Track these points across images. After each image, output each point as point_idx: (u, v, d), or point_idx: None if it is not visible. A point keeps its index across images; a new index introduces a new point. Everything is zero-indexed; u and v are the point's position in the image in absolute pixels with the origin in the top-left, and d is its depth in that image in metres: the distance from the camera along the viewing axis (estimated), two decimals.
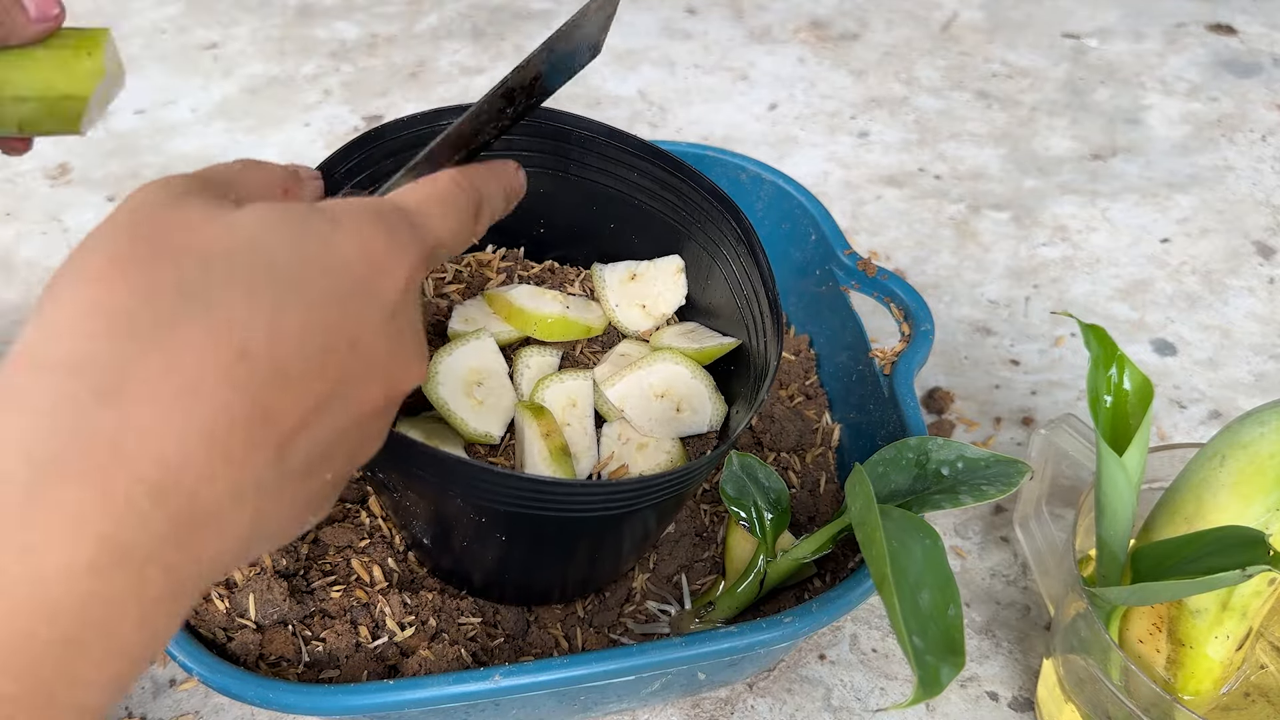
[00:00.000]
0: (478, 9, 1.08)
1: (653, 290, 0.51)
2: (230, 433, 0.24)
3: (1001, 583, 0.58)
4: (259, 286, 0.25)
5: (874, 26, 1.06)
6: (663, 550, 0.52)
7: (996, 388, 0.69)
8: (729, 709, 0.52)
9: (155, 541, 0.23)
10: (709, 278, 0.50)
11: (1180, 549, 0.41)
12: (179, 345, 0.24)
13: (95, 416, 0.23)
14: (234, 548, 0.25)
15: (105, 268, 0.25)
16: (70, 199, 0.85)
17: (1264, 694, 0.46)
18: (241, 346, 0.24)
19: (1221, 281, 0.77)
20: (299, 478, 0.26)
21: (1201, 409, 0.68)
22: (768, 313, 0.45)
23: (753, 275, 0.47)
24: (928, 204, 0.84)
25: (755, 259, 0.46)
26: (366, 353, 0.27)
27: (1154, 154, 0.89)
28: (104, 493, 0.22)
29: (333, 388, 0.26)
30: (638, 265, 0.52)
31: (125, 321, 0.24)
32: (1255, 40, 1.03)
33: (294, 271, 0.26)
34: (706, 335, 0.51)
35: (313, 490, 0.28)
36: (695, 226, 0.50)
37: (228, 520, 0.24)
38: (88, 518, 0.22)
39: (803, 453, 0.56)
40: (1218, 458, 0.42)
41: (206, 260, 0.25)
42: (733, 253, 0.48)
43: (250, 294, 0.25)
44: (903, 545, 0.37)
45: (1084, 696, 0.45)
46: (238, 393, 0.24)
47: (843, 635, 0.56)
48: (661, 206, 0.50)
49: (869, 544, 0.37)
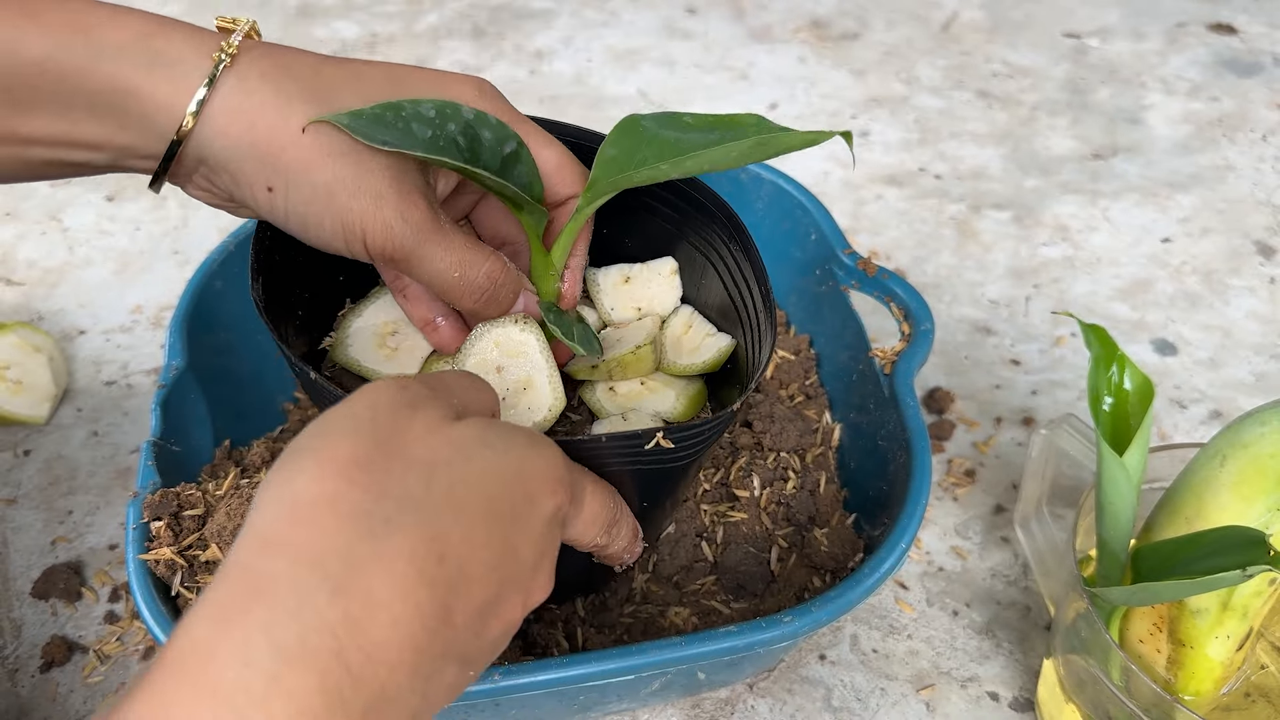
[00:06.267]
0: (478, 8, 1.08)
1: (647, 293, 0.51)
2: (420, 631, 0.27)
3: (1002, 583, 0.58)
4: (466, 502, 0.29)
5: (874, 26, 1.05)
6: (662, 550, 0.52)
7: (997, 388, 0.69)
8: (729, 709, 0.52)
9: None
10: (703, 278, 0.50)
11: (1181, 549, 0.41)
12: (397, 549, 0.27)
13: (326, 610, 0.26)
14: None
15: (348, 466, 0.28)
16: (70, 199, 0.85)
17: (1264, 694, 0.46)
18: (441, 553, 0.28)
19: (1222, 281, 0.77)
20: (456, 670, 0.30)
21: (1202, 409, 0.68)
22: (761, 307, 0.45)
23: (745, 270, 0.46)
24: (928, 204, 0.84)
25: (747, 254, 0.46)
26: (522, 566, 0.31)
27: (1155, 153, 0.89)
28: (322, 682, 0.25)
29: (496, 592, 0.30)
30: (631, 268, 0.51)
31: (363, 522, 0.27)
32: (1256, 40, 1.03)
33: (492, 490, 0.30)
34: (702, 326, 0.50)
35: (461, 682, 0.31)
36: (688, 228, 0.49)
37: (402, 704, 0.27)
38: (310, 707, 0.25)
39: (803, 453, 0.56)
40: (1218, 458, 0.42)
41: (429, 470, 0.29)
42: (726, 251, 0.48)
43: (458, 510, 0.29)
44: None
45: (1085, 697, 0.45)
46: (431, 592, 0.28)
47: (843, 635, 0.56)
48: (654, 208, 0.50)
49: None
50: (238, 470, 0.50)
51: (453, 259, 0.39)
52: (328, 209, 0.37)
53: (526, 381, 0.43)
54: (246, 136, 0.36)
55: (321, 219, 0.37)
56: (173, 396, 0.51)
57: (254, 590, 0.26)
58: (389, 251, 0.38)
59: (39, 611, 0.57)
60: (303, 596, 0.26)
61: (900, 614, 0.57)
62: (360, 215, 0.37)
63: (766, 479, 0.54)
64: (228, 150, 0.37)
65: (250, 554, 0.27)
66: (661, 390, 0.48)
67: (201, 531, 0.45)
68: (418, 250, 0.38)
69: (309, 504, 0.27)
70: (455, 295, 0.41)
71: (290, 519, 0.27)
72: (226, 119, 0.36)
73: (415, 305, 0.45)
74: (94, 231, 0.82)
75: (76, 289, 0.77)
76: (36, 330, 0.69)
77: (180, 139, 0.36)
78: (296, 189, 0.37)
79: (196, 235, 0.82)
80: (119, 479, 0.64)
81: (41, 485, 0.64)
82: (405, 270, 0.39)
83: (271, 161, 0.36)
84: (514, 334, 0.43)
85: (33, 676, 0.54)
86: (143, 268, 0.79)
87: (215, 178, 0.38)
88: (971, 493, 0.63)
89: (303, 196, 0.37)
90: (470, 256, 0.40)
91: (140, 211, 0.84)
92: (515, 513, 0.31)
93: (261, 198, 0.37)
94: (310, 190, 0.37)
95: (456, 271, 0.39)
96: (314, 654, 0.25)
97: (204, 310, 0.56)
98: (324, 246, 0.39)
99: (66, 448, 0.66)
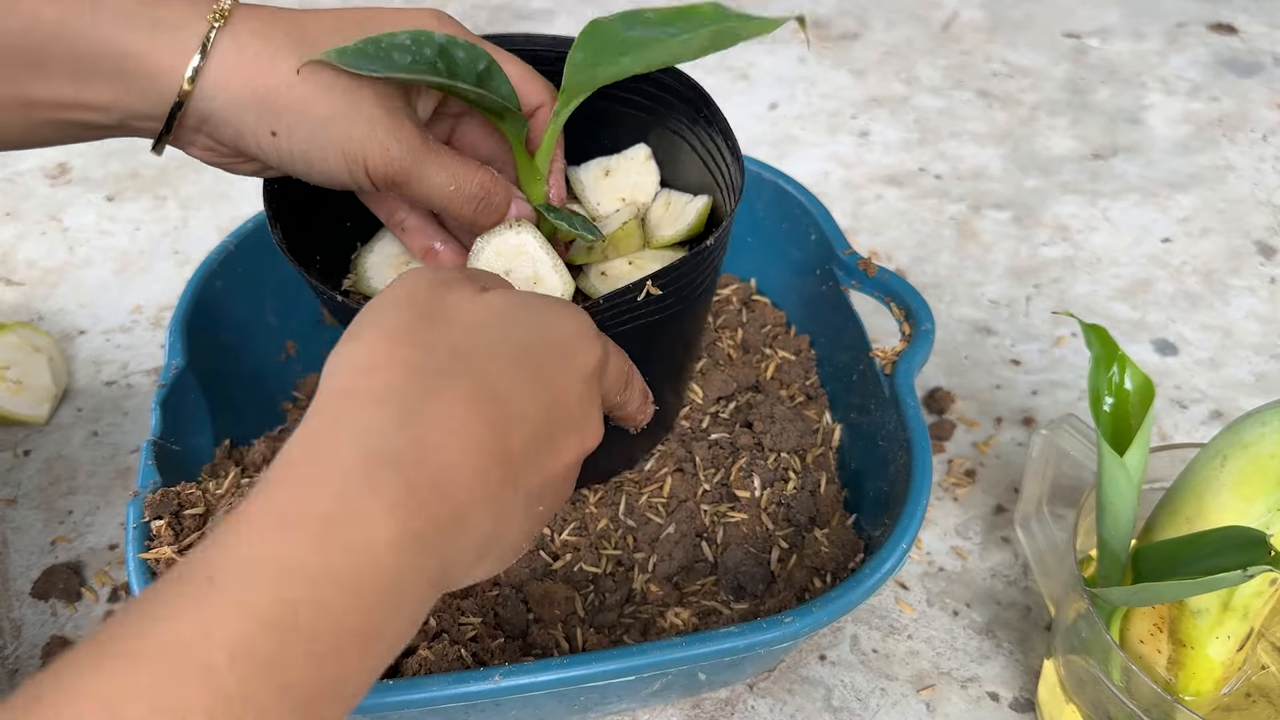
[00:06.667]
0: (478, 9, 1.08)
1: (628, 182, 0.52)
2: (484, 456, 0.31)
3: (1002, 583, 0.58)
4: (505, 353, 0.34)
5: (874, 26, 1.05)
6: (662, 550, 0.52)
7: (997, 388, 0.69)
8: (729, 709, 0.52)
9: (434, 531, 0.29)
10: (679, 157, 0.51)
11: (1181, 549, 0.41)
12: (454, 391, 0.31)
13: (398, 435, 0.30)
14: (471, 556, 0.31)
15: (399, 330, 0.33)
16: (70, 199, 0.85)
17: (1265, 694, 0.46)
18: (493, 394, 0.32)
19: (1223, 281, 0.77)
20: (524, 504, 0.33)
21: (1203, 409, 0.68)
22: (730, 159, 0.46)
23: (716, 138, 0.48)
24: (928, 204, 0.84)
25: (715, 120, 0.47)
26: (570, 411, 0.35)
27: (1155, 153, 0.89)
28: (408, 486, 0.29)
29: (550, 433, 0.34)
30: (608, 160, 0.52)
31: (416, 369, 0.32)
32: (1256, 40, 1.03)
33: (528, 342, 0.35)
34: (679, 199, 0.51)
35: (531, 517, 0.34)
36: (657, 113, 0.50)
37: (475, 526, 0.31)
38: (400, 502, 0.28)
39: (803, 453, 0.56)
40: (1219, 458, 0.42)
41: (471, 329, 0.34)
42: (696, 125, 0.49)
43: (500, 358, 0.33)
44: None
45: (1085, 697, 0.45)
46: (490, 428, 0.32)
47: (843, 636, 0.56)
48: (623, 100, 0.51)
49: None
50: (238, 470, 0.50)
51: (447, 173, 0.42)
52: (329, 141, 0.40)
53: (534, 277, 0.46)
54: (246, 89, 0.39)
55: (325, 153, 0.40)
56: (173, 396, 0.51)
57: (335, 422, 0.30)
58: (389, 173, 0.41)
59: (39, 612, 0.57)
60: (373, 424, 0.30)
61: (900, 614, 0.57)
62: (360, 142, 0.40)
63: (767, 479, 0.54)
64: (229, 104, 0.40)
65: (325, 402, 0.31)
66: (649, 265, 0.49)
67: (202, 530, 0.45)
68: (414, 169, 0.41)
69: (368, 363, 0.32)
70: (454, 208, 0.44)
71: (354, 374, 0.32)
72: (225, 75, 0.39)
73: (413, 236, 0.48)
74: (94, 231, 0.82)
75: (76, 289, 0.77)
76: (37, 330, 0.69)
77: (182, 99, 0.39)
78: (298, 128, 0.40)
79: (196, 235, 0.82)
80: (119, 479, 0.64)
81: (41, 485, 0.64)
82: (405, 191, 0.42)
83: (271, 107, 0.40)
84: (510, 239, 0.45)
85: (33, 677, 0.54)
86: (143, 268, 0.79)
87: (218, 133, 0.41)
88: (972, 493, 0.63)
89: (304, 135, 0.40)
90: (462, 169, 0.43)
91: (140, 211, 0.84)
92: (557, 363, 0.35)
93: (266, 144, 0.40)
94: (310, 127, 0.40)
95: (452, 185, 0.43)
96: (396, 460, 0.29)
97: (204, 310, 0.56)
98: (329, 181, 0.42)
99: (66, 447, 0.66)
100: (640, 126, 0.52)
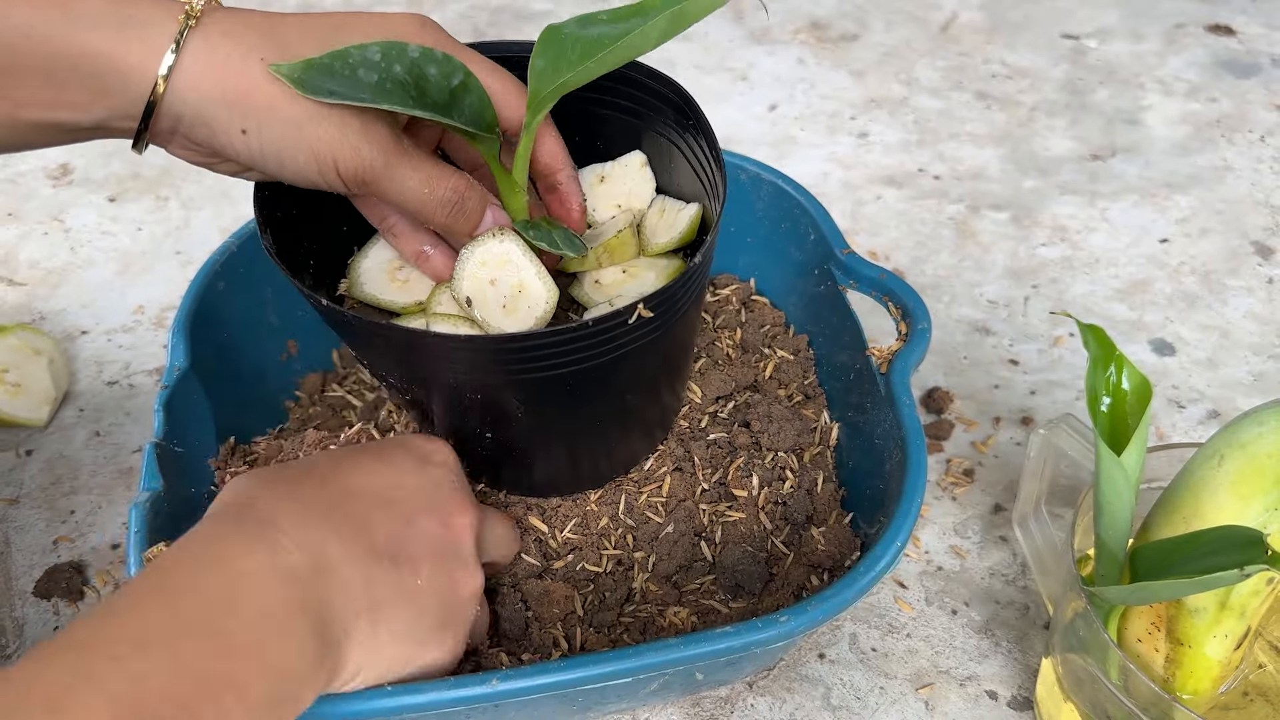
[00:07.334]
0: (478, 9, 1.08)
1: (623, 188, 0.52)
2: (344, 530, 0.40)
3: (1000, 582, 0.58)
4: (371, 464, 0.44)
5: (873, 27, 1.06)
6: (661, 549, 0.52)
7: (996, 387, 0.69)
8: (729, 708, 0.53)
9: (306, 581, 0.37)
10: (672, 163, 0.51)
11: (1179, 548, 0.41)
12: (306, 494, 0.41)
13: (260, 528, 0.38)
14: (356, 606, 0.39)
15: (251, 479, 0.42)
16: (72, 199, 0.85)
17: (1262, 693, 0.46)
18: (347, 489, 0.41)
19: (1220, 282, 0.77)
20: (389, 563, 0.40)
21: (1200, 409, 0.68)
22: (714, 167, 0.47)
23: (700, 143, 0.48)
24: (927, 204, 0.84)
25: (699, 126, 0.47)
26: (413, 495, 0.43)
27: (1153, 154, 0.89)
28: (271, 550, 0.37)
29: (400, 511, 0.42)
30: (603, 167, 0.53)
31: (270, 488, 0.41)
32: (1254, 41, 1.03)
33: (387, 452, 0.45)
34: (673, 206, 0.52)
35: (407, 584, 0.41)
36: (647, 118, 0.51)
37: (346, 578, 0.39)
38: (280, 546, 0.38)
39: (800, 452, 0.56)
40: (1216, 457, 0.42)
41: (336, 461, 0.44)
42: (684, 131, 0.49)
43: (363, 470, 0.43)
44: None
45: (1083, 696, 0.45)
46: (347, 510, 0.41)
47: (842, 634, 0.56)
48: (612, 105, 0.51)
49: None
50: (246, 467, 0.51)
51: (420, 176, 0.43)
52: (299, 141, 0.40)
53: (520, 284, 0.46)
54: (216, 88, 0.40)
55: (295, 153, 0.40)
56: (175, 397, 0.51)
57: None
58: (360, 174, 0.41)
59: (41, 611, 0.57)
60: (240, 524, 0.38)
61: (899, 613, 0.57)
62: (329, 142, 0.40)
63: (764, 478, 0.54)
64: (200, 103, 0.40)
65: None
66: (643, 274, 0.50)
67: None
68: (386, 171, 0.42)
69: (244, 487, 0.41)
70: (426, 212, 0.44)
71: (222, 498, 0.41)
72: (196, 75, 0.39)
73: (404, 241, 0.48)
74: (96, 232, 0.82)
75: (78, 289, 0.77)
76: (37, 332, 0.69)
77: (155, 100, 0.39)
78: (268, 127, 0.40)
79: (198, 235, 0.82)
80: (121, 479, 0.64)
81: (44, 485, 0.64)
82: (377, 192, 0.43)
83: (241, 106, 0.40)
84: (494, 248, 0.46)
85: None
86: (145, 268, 0.79)
87: (192, 132, 0.41)
88: (970, 492, 0.63)
89: (275, 134, 0.40)
90: (435, 172, 0.43)
91: (142, 212, 0.84)
92: (413, 469, 0.45)
93: (238, 142, 0.40)
94: (280, 127, 0.40)
95: (426, 188, 0.43)
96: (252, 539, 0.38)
97: (207, 310, 0.56)
98: (301, 180, 0.42)
99: (69, 448, 0.66)
100: (633, 132, 0.52)
